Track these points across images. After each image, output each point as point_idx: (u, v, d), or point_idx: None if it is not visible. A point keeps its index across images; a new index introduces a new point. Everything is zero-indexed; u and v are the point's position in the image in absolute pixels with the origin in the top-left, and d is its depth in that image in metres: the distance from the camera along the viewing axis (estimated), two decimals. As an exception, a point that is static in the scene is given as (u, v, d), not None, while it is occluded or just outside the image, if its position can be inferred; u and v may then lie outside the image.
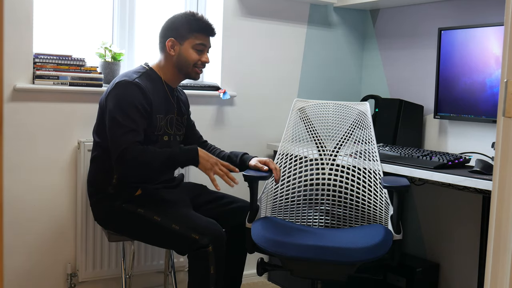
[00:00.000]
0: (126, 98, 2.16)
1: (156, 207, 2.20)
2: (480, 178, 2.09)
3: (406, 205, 3.08)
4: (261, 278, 3.11)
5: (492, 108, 2.52)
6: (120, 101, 2.16)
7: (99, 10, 2.81)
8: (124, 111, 2.14)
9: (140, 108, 2.16)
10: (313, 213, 2.52)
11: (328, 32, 3.32)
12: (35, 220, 2.54)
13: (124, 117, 2.12)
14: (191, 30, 2.29)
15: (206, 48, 2.34)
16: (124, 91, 2.18)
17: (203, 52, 2.33)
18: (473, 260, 2.73)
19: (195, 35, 2.29)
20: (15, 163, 2.46)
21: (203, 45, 2.32)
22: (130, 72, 2.30)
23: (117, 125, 2.13)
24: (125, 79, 2.21)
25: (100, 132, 2.28)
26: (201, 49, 2.31)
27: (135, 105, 2.15)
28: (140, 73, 2.27)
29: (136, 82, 2.19)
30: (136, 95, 2.17)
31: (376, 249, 2.07)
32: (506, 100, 1.36)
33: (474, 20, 2.74)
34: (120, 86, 2.20)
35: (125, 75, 2.26)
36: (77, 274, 2.61)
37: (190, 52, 2.30)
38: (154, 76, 2.31)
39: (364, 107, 2.58)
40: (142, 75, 2.26)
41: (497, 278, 1.41)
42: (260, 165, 2.34)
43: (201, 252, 2.07)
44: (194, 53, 2.30)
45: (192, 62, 2.31)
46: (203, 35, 2.31)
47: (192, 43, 2.29)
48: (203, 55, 2.33)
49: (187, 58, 2.30)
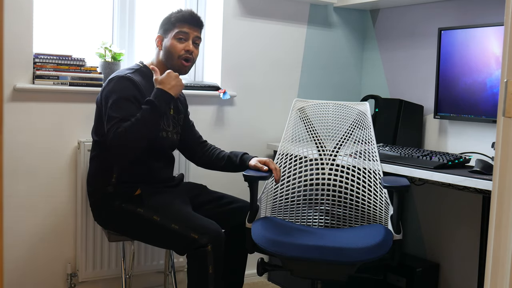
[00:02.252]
0: (117, 91, 2.18)
1: (155, 207, 2.20)
2: (480, 178, 2.09)
3: (406, 205, 3.08)
4: (261, 278, 3.11)
5: (492, 108, 2.52)
6: (112, 95, 2.19)
7: (99, 10, 2.81)
8: (116, 103, 2.16)
9: (131, 99, 2.18)
10: (313, 213, 2.52)
11: (328, 32, 3.32)
12: (35, 220, 2.54)
13: (115, 110, 2.15)
14: (174, 22, 2.33)
15: (189, 36, 2.34)
16: (115, 85, 2.21)
17: (186, 41, 2.33)
18: (473, 260, 2.73)
19: (176, 25, 2.33)
20: (15, 163, 2.46)
21: (184, 33, 2.32)
22: (123, 69, 2.35)
23: (109, 118, 2.15)
24: (117, 74, 2.26)
25: (98, 131, 2.29)
26: (182, 37, 2.32)
27: (127, 97, 2.17)
28: (134, 69, 2.31)
29: (128, 76, 2.23)
30: (128, 88, 2.20)
31: (376, 249, 2.07)
32: (506, 100, 1.36)
33: (474, 20, 2.74)
34: (112, 81, 2.24)
35: (117, 71, 2.32)
36: (77, 274, 2.61)
37: (173, 43, 2.32)
38: (148, 73, 2.33)
39: (364, 107, 2.58)
40: (136, 71, 2.30)
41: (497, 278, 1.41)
42: (260, 165, 2.34)
43: (200, 252, 2.07)
44: (176, 43, 2.32)
45: (176, 53, 2.32)
46: (183, 23, 2.33)
47: (174, 33, 2.32)
48: (186, 44, 2.33)
49: (171, 50, 2.32)
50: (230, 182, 2.80)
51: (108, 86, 2.23)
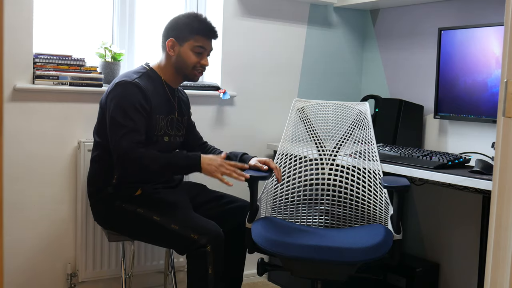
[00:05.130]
0: (125, 98, 2.16)
1: (155, 207, 2.20)
2: (480, 178, 2.09)
3: (406, 205, 3.08)
4: (261, 278, 3.11)
5: (492, 108, 2.52)
6: (119, 101, 2.16)
7: (99, 10, 2.81)
8: (124, 111, 2.13)
9: (139, 108, 2.16)
10: (313, 213, 2.52)
11: (328, 32, 3.32)
12: (35, 220, 2.54)
13: (124, 118, 2.13)
14: (192, 31, 2.27)
15: (206, 51, 2.32)
16: (123, 91, 2.18)
17: (202, 55, 2.30)
18: (473, 260, 2.73)
19: (195, 37, 2.27)
20: (15, 163, 2.46)
21: (202, 48, 2.29)
22: (130, 72, 2.29)
23: (117, 125, 2.13)
24: (124, 79, 2.21)
25: (101, 132, 2.28)
26: (200, 52, 2.29)
27: (134, 105, 2.15)
28: (140, 73, 2.27)
29: (136, 82, 2.19)
30: (135, 95, 2.17)
31: (376, 249, 2.07)
32: (506, 100, 1.36)
33: (474, 20, 2.74)
34: (120, 86, 2.20)
35: (125, 75, 2.26)
36: (77, 274, 2.61)
37: (189, 54, 2.28)
38: (155, 76, 2.30)
39: (363, 107, 2.58)
40: (143, 76, 2.26)
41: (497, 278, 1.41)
42: (260, 164, 2.33)
43: (199, 252, 2.07)
44: (193, 55, 2.28)
45: (190, 64, 2.29)
46: (203, 37, 2.29)
47: (192, 45, 2.27)
48: (202, 58, 2.30)
49: (186, 60, 2.28)
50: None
51: (116, 91, 2.19)
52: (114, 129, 2.14)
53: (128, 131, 2.11)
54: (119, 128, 2.12)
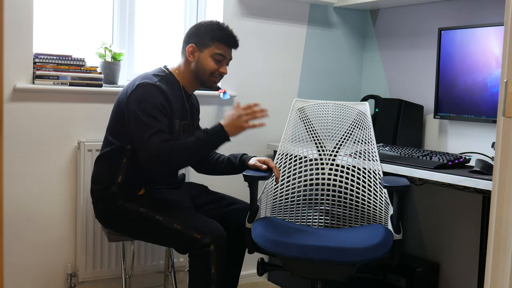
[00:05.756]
0: (149, 99, 2.14)
1: (158, 207, 2.20)
2: (480, 178, 2.09)
3: (406, 205, 3.08)
4: (261, 278, 3.11)
5: (492, 108, 2.52)
6: (144, 102, 2.14)
7: (99, 10, 2.81)
8: (149, 112, 2.12)
9: (162, 109, 2.15)
10: (313, 213, 2.52)
11: (328, 32, 3.32)
12: (35, 220, 2.54)
13: (149, 118, 2.11)
14: (213, 39, 2.27)
15: (226, 59, 2.32)
16: (147, 92, 2.16)
17: (221, 62, 2.30)
18: (473, 260, 2.73)
19: (216, 44, 2.27)
20: (15, 163, 2.46)
21: (222, 56, 2.29)
22: (149, 74, 2.26)
23: (143, 126, 2.11)
24: (146, 81, 2.19)
25: (115, 131, 2.26)
26: (219, 59, 2.29)
27: (158, 106, 2.14)
28: (160, 76, 2.25)
29: (158, 85, 2.18)
30: (158, 97, 2.16)
31: (376, 249, 2.07)
32: (506, 100, 1.36)
33: (474, 20, 2.74)
34: (143, 87, 2.17)
35: (145, 76, 2.24)
36: (77, 274, 2.61)
37: (208, 61, 2.27)
38: (173, 81, 2.29)
39: (363, 107, 2.58)
40: (162, 79, 2.24)
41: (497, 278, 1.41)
42: (259, 164, 2.34)
43: (202, 251, 2.07)
44: (212, 62, 2.28)
45: (209, 71, 2.28)
46: (224, 45, 2.29)
47: (212, 52, 2.27)
48: (221, 66, 2.31)
49: (205, 66, 2.28)
50: (230, 182, 2.80)
51: (138, 92, 2.17)
52: (140, 130, 2.11)
53: (155, 131, 2.09)
54: (145, 129, 2.10)
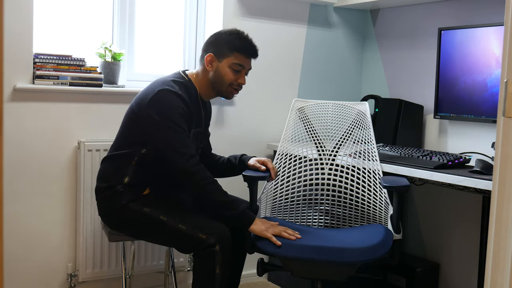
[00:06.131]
0: (172, 106, 2.13)
1: (162, 207, 2.20)
2: (480, 178, 2.09)
3: (406, 205, 3.08)
4: (261, 278, 3.11)
5: (492, 108, 2.52)
6: (168, 109, 2.13)
7: (99, 10, 2.81)
8: (173, 119, 2.11)
9: (185, 116, 2.15)
10: (312, 213, 2.52)
11: (328, 32, 3.32)
12: (35, 220, 2.54)
13: (175, 126, 2.11)
14: (232, 48, 2.25)
15: (245, 69, 2.30)
16: (169, 98, 2.14)
17: (240, 73, 2.28)
18: (473, 260, 2.73)
19: (234, 54, 2.25)
20: (15, 163, 2.46)
21: (240, 66, 2.27)
22: (168, 80, 2.23)
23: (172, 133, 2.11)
24: (167, 87, 2.17)
25: (130, 135, 2.24)
26: (238, 70, 2.27)
27: (181, 113, 2.14)
28: (180, 83, 2.23)
29: (180, 94, 2.17)
30: (180, 104, 2.15)
31: (376, 249, 2.07)
32: (506, 100, 1.36)
33: (474, 20, 2.74)
34: (164, 94, 2.15)
35: (164, 82, 2.21)
36: (77, 274, 2.61)
37: (227, 71, 2.26)
38: (191, 87, 2.28)
39: (363, 107, 2.58)
40: (181, 86, 2.22)
41: (497, 278, 1.41)
42: (258, 164, 2.34)
43: (208, 251, 2.07)
44: (230, 72, 2.26)
45: (227, 81, 2.27)
46: (243, 55, 2.27)
47: (230, 61, 2.25)
48: (240, 76, 2.28)
49: (223, 76, 2.26)
50: (230, 182, 2.79)
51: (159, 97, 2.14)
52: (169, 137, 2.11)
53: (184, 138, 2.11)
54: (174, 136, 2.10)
